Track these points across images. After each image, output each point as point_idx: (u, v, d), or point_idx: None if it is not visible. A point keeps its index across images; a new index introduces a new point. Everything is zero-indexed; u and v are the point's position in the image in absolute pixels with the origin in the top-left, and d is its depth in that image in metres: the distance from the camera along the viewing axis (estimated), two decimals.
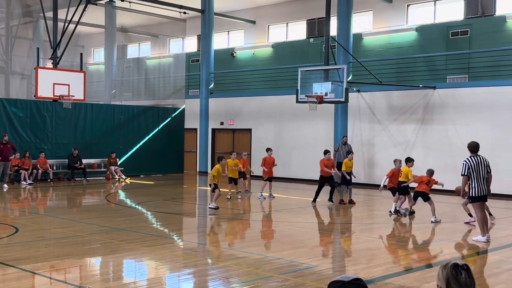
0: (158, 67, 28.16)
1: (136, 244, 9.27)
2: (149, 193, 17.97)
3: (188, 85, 27.47)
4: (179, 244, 9.92)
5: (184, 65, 26.71)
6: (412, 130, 19.54)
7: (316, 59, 23.19)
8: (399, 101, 19.90)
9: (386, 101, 20.22)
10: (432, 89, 19.11)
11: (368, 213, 14.30)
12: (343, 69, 16.99)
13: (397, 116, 19.92)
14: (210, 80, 25.86)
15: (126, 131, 23.53)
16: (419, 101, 19.42)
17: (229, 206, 15.06)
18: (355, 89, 20.58)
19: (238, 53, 27.51)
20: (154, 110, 24.86)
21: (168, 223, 12.01)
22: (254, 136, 24.15)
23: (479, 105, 18.06)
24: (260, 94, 24.12)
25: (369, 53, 22.59)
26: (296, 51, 25.03)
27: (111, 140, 22.84)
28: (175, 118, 25.38)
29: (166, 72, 27.22)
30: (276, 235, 11.11)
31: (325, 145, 20.62)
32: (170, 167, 24.78)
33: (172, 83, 26.67)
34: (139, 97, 27.28)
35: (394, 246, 9.86)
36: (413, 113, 19.53)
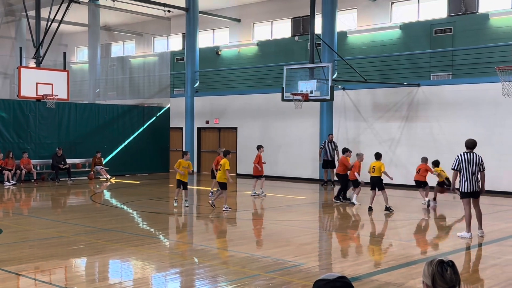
0: (143, 65, 28.01)
1: (122, 244, 9.21)
2: (134, 192, 17.87)
3: (173, 84, 27.36)
4: (165, 244, 9.88)
5: (169, 64, 26.61)
6: (397, 127, 19.66)
7: (301, 57, 23.23)
8: (384, 99, 20.01)
9: (371, 99, 20.32)
10: (416, 87, 19.25)
11: (357, 210, 14.34)
12: (328, 67, 17.04)
13: (382, 114, 20.03)
14: (195, 78, 25.77)
15: (111, 130, 23.38)
16: (404, 99, 19.54)
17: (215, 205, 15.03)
18: (340, 87, 20.64)
19: (223, 52, 27.46)
20: (139, 109, 24.72)
21: (154, 223, 11.96)
22: (240, 134, 24.14)
23: (462, 102, 18.23)
24: (246, 93, 24.10)
25: (353, 51, 22.68)
26: (281, 49, 25.05)
27: (96, 140, 22.68)
28: (160, 117, 25.27)
29: (151, 70, 27.08)
30: (263, 233, 11.11)
31: (311, 143, 20.70)
32: (156, 166, 24.68)
33: (157, 82, 26.55)
34: (124, 96, 27.12)
35: (380, 243, 9.91)
36: (398, 111, 19.65)
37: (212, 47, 28.00)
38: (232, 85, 25.22)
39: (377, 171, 13.56)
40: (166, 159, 25.33)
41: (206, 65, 26.56)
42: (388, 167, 19.40)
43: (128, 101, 25.92)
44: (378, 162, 13.64)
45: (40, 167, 20.99)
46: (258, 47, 26.28)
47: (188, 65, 25.64)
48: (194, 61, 25.61)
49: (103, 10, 26.87)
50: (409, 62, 20.98)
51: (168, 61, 26.71)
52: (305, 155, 20.83)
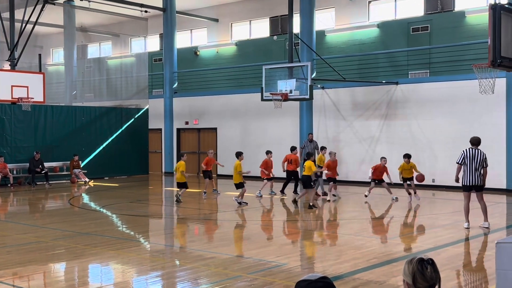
0: (120, 67, 27.81)
1: (101, 248, 9.14)
2: (113, 195, 17.76)
3: (151, 85, 27.22)
4: (146, 247, 9.83)
5: (146, 65, 26.46)
6: (376, 125, 19.83)
7: (280, 57, 23.29)
8: (363, 97, 20.16)
9: (350, 98, 20.45)
10: (394, 85, 19.43)
11: (333, 209, 14.44)
12: (307, 66, 17.11)
13: (362, 112, 20.18)
14: (173, 79, 25.67)
15: (88, 133, 23.18)
16: (382, 97, 19.71)
17: (196, 206, 15.00)
18: (320, 86, 20.75)
19: (202, 52, 27.40)
20: (117, 111, 24.54)
21: (134, 226, 11.89)
22: (219, 135, 24.11)
23: (440, 100, 18.46)
24: (225, 93, 24.08)
25: (332, 50, 22.81)
26: (260, 48, 25.08)
27: (73, 143, 22.46)
28: (138, 119, 25.13)
29: (129, 72, 26.90)
30: (244, 234, 11.12)
31: (291, 143, 20.73)
32: (135, 168, 24.54)
33: (135, 83, 26.39)
34: (101, 98, 26.89)
35: (361, 241, 9.99)
36: (377, 109, 19.81)
37: (190, 47, 27.92)
38: (211, 86, 25.17)
39: (307, 170, 13.94)
40: (145, 161, 25.19)
41: (185, 66, 26.47)
42: (368, 166, 19.59)
43: (106, 103, 25.71)
44: (308, 162, 14.05)
45: (16, 171, 20.70)
46: (237, 47, 26.28)
47: (166, 66, 25.52)
48: (172, 62, 25.50)
49: (78, 11, 26.60)
50: (388, 61, 21.16)
51: (146, 61, 26.56)
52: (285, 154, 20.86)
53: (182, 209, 14.79)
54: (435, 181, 18.48)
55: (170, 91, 25.51)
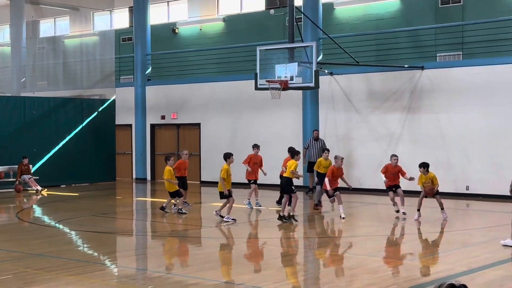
0: (80, 48, 27.73)
1: (57, 273, 9.13)
2: (72, 207, 17.69)
3: (119, 70, 27.17)
4: (113, 271, 9.82)
5: (113, 45, 26.40)
6: (397, 120, 19.87)
7: (278, 36, 23.29)
8: (381, 85, 20.19)
9: (365, 86, 20.48)
10: (419, 70, 19.47)
11: (346, 224, 14.48)
12: (312, 47, 17.10)
13: (379, 104, 20.21)
14: (146, 63, 25.60)
15: (41, 130, 23.11)
16: (405, 85, 19.75)
17: (174, 221, 14.99)
18: (327, 71, 20.76)
19: (181, 29, 27.37)
20: (76, 103, 24.49)
21: (98, 245, 11.88)
22: (204, 132, 24.09)
23: (475, 88, 18.51)
24: (210, 80, 24.05)
25: (343, 27, 22.83)
26: (253, 25, 25.08)
27: (22, 142, 22.38)
28: (103, 112, 25.08)
29: (91, 54, 26.84)
30: (235, 255, 11.13)
31: (292, 141, 20.74)
32: (99, 174, 24.50)
33: (99, 68, 26.33)
34: (57, 86, 26.81)
35: (378, 263, 10.02)
36: (398, 100, 19.85)
37: (167, 23, 27.87)
38: (193, 71, 25.14)
39: (288, 171, 14.05)
40: (111, 164, 25.15)
41: (160, 47, 26.42)
42: None
43: (63, 93, 25.62)
44: (291, 161, 14.15)
45: None
46: (225, 23, 26.27)
47: (138, 47, 25.46)
48: (145, 42, 25.43)
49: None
50: (411, 40, 21.20)
51: (112, 41, 26.50)
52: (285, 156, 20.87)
53: (157, 224, 14.76)
54: (469, 189, 18.55)
55: (142, 78, 25.44)
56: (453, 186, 18.68)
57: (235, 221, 13.74)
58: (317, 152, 19.43)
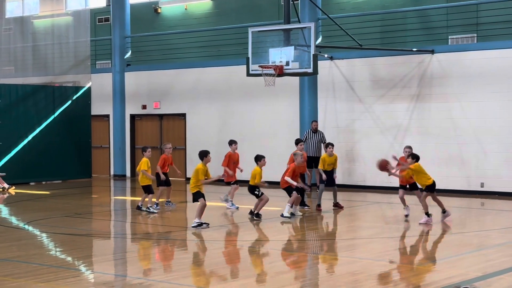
0: (52, 29, 27.61)
1: (26, 280, 9.10)
2: (43, 207, 17.66)
3: (95, 55, 27.07)
4: (88, 277, 9.80)
5: (88, 27, 26.30)
6: (404, 109, 19.89)
7: (272, 16, 23.25)
8: (386, 71, 20.20)
9: (369, 72, 20.49)
10: (429, 54, 19.49)
11: (348, 225, 14.48)
12: (310, 28, 17.08)
13: (384, 92, 20.22)
14: (125, 47, 25.50)
15: (7, 121, 23.04)
16: (413, 71, 19.76)
17: (158, 222, 14.97)
18: (327, 55, 20.75)
19: (164, 9, 27.27)
20: (47, 91, 24.41)
21: (72, 249, 11.86)
22: (189, 123, 24.05)
23: (491, 74, 18.54)
24: (197, 65, 24.00)
25: (344, 6, 22.80)
26: (244, 4, 25.01)
27: None
28: (77, 101, 25.01)
29: (63, 36, 26.72)
30: (225, 259, 11.11)
31: (288, 133, 20.77)
32: (73, 170, 24.45)
33: (72, 52, 26.23)
34: (26, 72, 26.69)
35: (384, 268, 10.02)
36: (406, 87, 19.87)
37: (148, 2, 27.75)
38: (178, 55, 25.08)
39: (251, 179, 14.52)
40: (86, 159, 25.09)
41: (141, 28, 26.33)
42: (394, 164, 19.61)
43: (32, 79, 25.53)
44: (255, 169, 14.58)
45: None
46: (213, 2, 26.18)
47: (116, 28, 25.37)
48: (124, 23, 25.34)
49: None
50: (420, 21, 21.19)
51: (87, 22, 26.40)
52: (281, 151, 20.87)
53: (137, 225, 14.73)
54: (485, 186, 18.60)
55: (120, 63, 25.36)
56: (466, 183, 18.73)
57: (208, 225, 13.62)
58: (316, 145, 19.44)
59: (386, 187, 19.53)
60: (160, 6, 27.19)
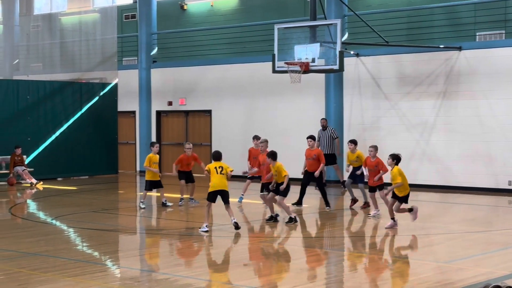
0: (79, 26, 27.78)
1: (54, 274, 9.20)
2: (70, 202, 17.79)
3: (122, 52, 27.21)
4: (115, 272, 9.87)
5: (115, 24, 26.44)
6: (431, 107, 19.77)
7: (298, 12, 23.20)
8: (413, 68, 20.08)
9: (395, 69, 20.39)
10: (456, 51, 19.34)
11: (373, 221, 14.44)
12: (336, 25, 17.03)
13: (411, 89, 20.12)
14: (152, 43, 25.60)
15: (35, 117, 23.23)
16: (440, 68, 19.63)
17: (183, 218, 15.03)
18: (353, 52, 20.68)
19: (190, 6, 27.33)
20: (74, 87, 24.57)
21: (99, 244, 11.95)
22: (215, 120, 24.10)
23: None
24: (223, 62, 24.03)
25: (370, 3, 22.69)
26: (270, 1, 24.98)
27: (15, 131, 22.52)
28: (104, 98, 25.15)
29: (91, 33, 26.88)
30: (249, 255, 11.14)
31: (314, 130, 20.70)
32: (99, 166, 24.60)
33: (99, 48, 26.38)
34: (53, 69, 26.90)
35: (408, 266, 10.00)
36: (432, 84, 19.75)
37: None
38: (204, 52, 25.13)
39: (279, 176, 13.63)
40: (113, 155, 25.23)
41: (167, 25, 26.41)
42: (420, 162, 19.56)
43: (60, 76, 25.70)
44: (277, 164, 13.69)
45: None
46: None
47: (142, 25, 25.46)
48: (150, 19, 25.43)
49: None
50: (447, 17, 21.04)
51: (115, 19, 26.54)
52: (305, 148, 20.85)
53: (163, 221, 14.81)
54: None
55: (147, 59, 25.46)
56: (493, 181, 18.58)
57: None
58: (327, 142, 19.47)
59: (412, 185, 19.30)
60: (186, 3, 27.25)
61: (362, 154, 15.64)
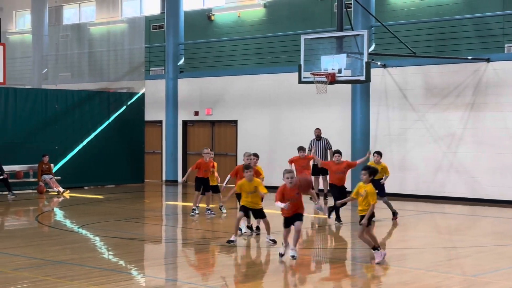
0: (107, 36, 28.02)
1: (80, 282, 9.23)
2: (97, 211, 17.89)
3: (149, 61, 27.39)
4: (140, 281, 9.88)
5: (143, 34, 26.63)
6: (458, 118, 19.63)
7: (325, 23, 23.21)
8: (440, 80, 19.97)
9: (422, 80, 20.28)
10: (485, 62, 19.20)
11: (399, 233, 14.33)
12: (363, 36, 17.00)
13: (438, 100, 19.99)
14: (179, 53, 25.73)
15: (63, 126, 23.41)
16: (468, 79, 19.50)
17: (208, 228, 15.03)
18: (380, 63, 20.62)
19: (217, 16, 27.47)
20: (102, 97, 24.74)
21: (125, 252, 11.98)
22: (241, 130, 24.12)
23: None
24: (249, 73, 24.07)
25: (398, 14, 22.64)
26: (297, 12, 25.03)
27: (43, 139, 22.71)
28: (131, 107, 25.30)
29: (119, 43, 27.10)
30: (271, 267, 11.09)
31: (340, 141, 20.65)
32: (126, 175, 24.71)
33: (127, 58, 26.57)
34: (82, 78, 27.13)
35: (437, 279, 9.89)
36: (460, 96, 19.61)
37: (202, 10, 28.00)
38: (230, 63, 25.20)
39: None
40: (139, 165, 25.33)
41: (195, 35, 26.54)
42: (447, 174, 19.41)
43: (88, 85, 25.92)
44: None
45: None
46: (266, 9, 26.28)
47: (170, 35, 25.61)
48: (178, 30, 25.56)
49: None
50: (475, 29, 20.92)
51: (142, 29, 26.73)
52: None
53: (189, 230, 14.82)
54: None
55: (174, 69, 25.59)
56: None
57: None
58: (322, 152, 19.54)
59: (439, 197, 19.32)
60: (214, 13, 27.41)
61: (386, 166, 15.51)
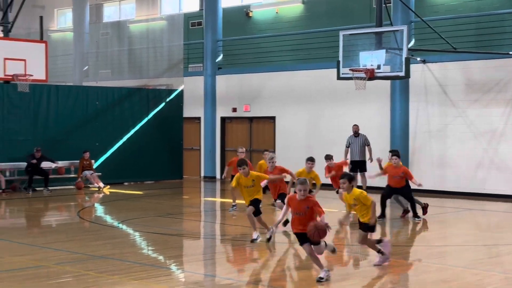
0: (147, 33, 28.21)
1: (121, 277, 9.33)
2: (136, 207, 18.05)
3: (188, 58, 27.52)
4: (179, 277, 9.96)
5: (181, 31, 26.76)
6: (499, 114, 19.38)
7: (363, 19, 23.07)
8: (481, 75, 19.73)
9: (463, 75, 20.06)
10: None
11: (439, 231, 14.19)
12: (402, 31, 16.90)
13: (479, 96, 19.76)
14: (217, 50, 25.80)
15: (104, 122, 23.65)
16: (510, 75, 19.24)
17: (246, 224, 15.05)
18: (419, 59, 20.44)
19: (256, 13, 27.47)
20: (141, 93, 24.93)
21: (164, 248, 12.07)
22: (279, 126, 24.10)
23: None
24: (287, 69, 24.05)
25: (438, 9, 22.41)
26: (336, 8, 24.92)
27: (84, 136, 22.96)
28: (170, 104, 25.44)
29: (158, 40, 27.26)
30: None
31: (378, 137, 20.55)
32: (165, 171, 24.86)
33: (166, 55, 26.71)
34: (121, 75, 27.36)
35: (478, 276, 9.78)
36: (501, 91, 19.36)
37: (240, 6, 28.02)
38: (268, 59, 25.19)
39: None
40: (178, 161, 25.48)
41: (233, 32, 26.58)
42: (488, 171, 19.18)
43: (127, 82, 26.14)
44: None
45: (10, 173, 21.36)
46: (304, 5, 26.20)
47: (208, 32, 25.69)
48: (216, 27, 25.64)
49: None
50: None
51: (181, 26, 26.86)
52: None
53: (227, 227, 14.87)
54: None
55: (212, 66, 25.67)
56: None
57: None
58: (359, 149, 19.44)
59: (479, 194, 19.11)
60: (252, 10, 27.41)
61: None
